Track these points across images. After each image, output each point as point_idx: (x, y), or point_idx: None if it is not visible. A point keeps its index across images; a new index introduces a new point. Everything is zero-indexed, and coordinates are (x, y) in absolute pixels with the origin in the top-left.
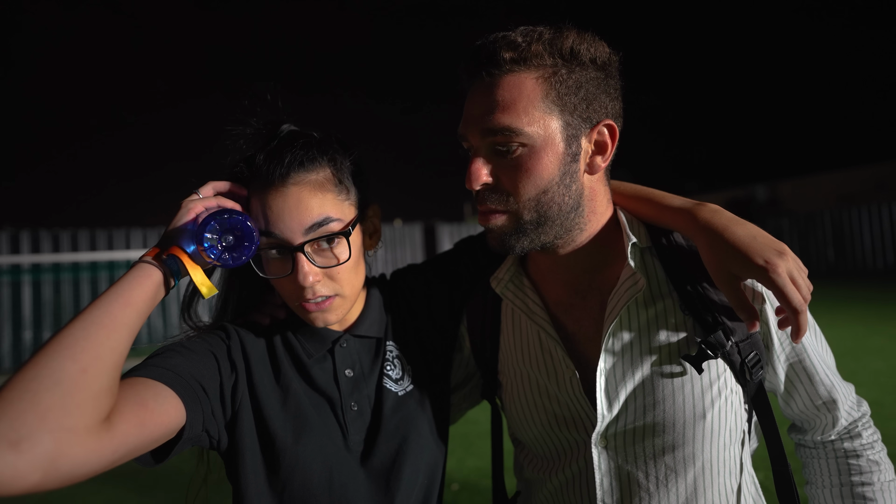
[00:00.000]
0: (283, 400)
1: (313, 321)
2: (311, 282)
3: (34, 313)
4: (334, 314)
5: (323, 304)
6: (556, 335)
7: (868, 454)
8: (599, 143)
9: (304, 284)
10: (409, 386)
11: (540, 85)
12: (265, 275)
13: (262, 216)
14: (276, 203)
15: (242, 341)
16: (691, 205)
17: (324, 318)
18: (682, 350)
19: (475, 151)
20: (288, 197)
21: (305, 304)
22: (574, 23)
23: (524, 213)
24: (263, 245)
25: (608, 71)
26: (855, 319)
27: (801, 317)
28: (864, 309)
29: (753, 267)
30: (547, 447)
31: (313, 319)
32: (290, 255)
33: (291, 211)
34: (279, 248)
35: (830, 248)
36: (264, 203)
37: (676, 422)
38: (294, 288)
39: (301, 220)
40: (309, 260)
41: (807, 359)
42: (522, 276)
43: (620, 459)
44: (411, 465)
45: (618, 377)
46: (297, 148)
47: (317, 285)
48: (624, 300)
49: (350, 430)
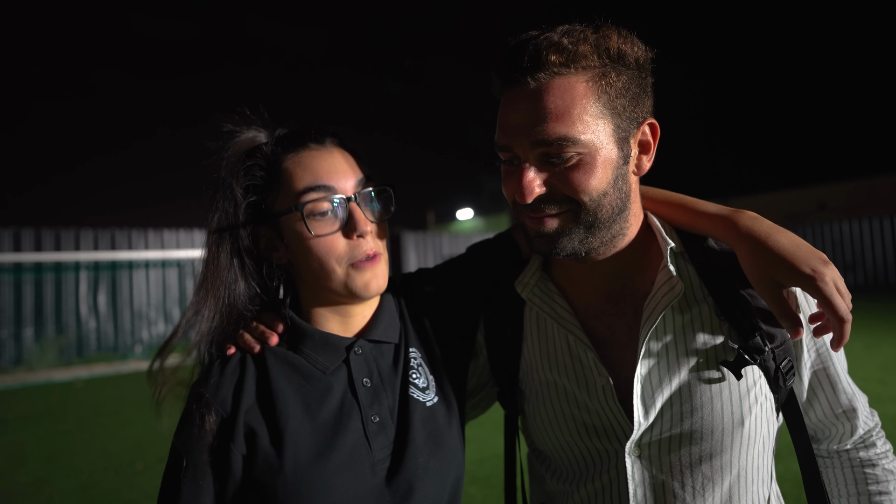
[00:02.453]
0: (290, 427)
1: (366, 285)
2: (369, 229)
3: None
4: (383, 277)
5: (376, 261)
6: (587, 341)
7: (884, 463)
8: (643, 143)
9: (363, 231)
10: (435, 396)
11: (591, 88)
12: (316, 233)
13: (308, 173)
14: (325, 160)
15: (224, 397)
16: (729, 211)
17: (377, 283)
18: (719, 356)
19: (522, 162)
20: (335, 154)
21: (360, 262)
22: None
23: (583, 214)
24: (314, 202)
25: (646, 69)
26: None
27: (846, 326)
28: None
29: (800, 275)
30: (574, 458)
31: (367, 282)
32: (340, 211)
33: (342, 164)
34: (329, 208)
35: None
36: (308, 161)
37: (715, 429)
38: (348, 245)
39: (353, 173)
40: (362, 210)
41: (831, 366)
42: (548, 281)
43: (655, 469)
44: (439, 482)
45: (654, 384)
46: (320, 127)
47: (370, 238)
48: (662, 305)
49: (374, 446)
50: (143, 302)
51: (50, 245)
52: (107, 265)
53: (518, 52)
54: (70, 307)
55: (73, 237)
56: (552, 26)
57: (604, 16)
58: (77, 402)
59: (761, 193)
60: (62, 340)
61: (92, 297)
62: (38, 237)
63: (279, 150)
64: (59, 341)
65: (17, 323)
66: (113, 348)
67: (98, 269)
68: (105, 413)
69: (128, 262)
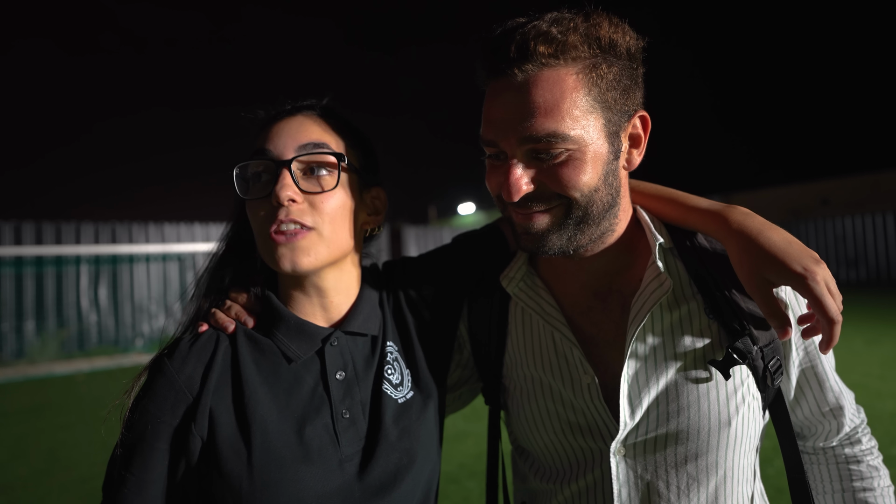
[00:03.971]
0: (258, 413)
1: (279, 260)
2: (288, 196)
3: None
4: (307, 255)
5: (296, 237)
6: (573, 338)
7: (868, 460)
8: (634, 137)
9: (280, 196)
10: (409, 392)
11: (581, 81)
12: (244, 195)
13: (259, 138)
14: (280, 126)
15: (190, 374)
16: (720, 207)
17: (292, 259)
18: (707, 355)
19: (509, 158)
20: (293, 121)
21: (275, 234)
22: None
23: (573, 210)
24: (247, 162)
25: (638, 59)
26: None
27: (836, 327)
28: None
29: (791, 274)
30: (559, 456)
31: (280, 257)
32: (272, 175)
33: (291, 130)
34: (260, 170)
35: None
36: (269, 129)
37: (701, 429)
38: (268, 212)
39: (297, 138)
40: (293, 178)
41: (819, 365)
42: (535, 276)
43: (640, 468)
44: (412, 481)
45: (641, 383)
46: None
47: (293, 207)
48: (650, 303)
49: (342, 442)
50: (144, 295)
51: (51, 238)
52: (107, 259)
53: (504, 42)
54: (71, 301)
55: (73, 231)
56: (540, 13)
57: (594, 2)
58: (78, 395)
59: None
60: (63, 334)
61: (93, 290)
62: (39, 231)
63: (263, 123)
64: (61, 335)
65: (18, 316)
66: (114, 342)
67: (99, 262)
68: (105, 406)
69: (128, 255)
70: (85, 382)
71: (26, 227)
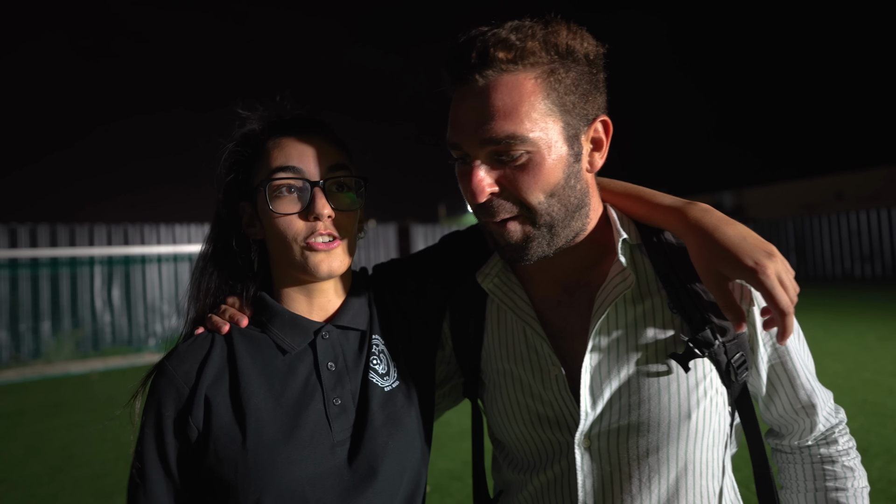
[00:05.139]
0: (253, 403)
1: (317, 265)
2: (328, 212)
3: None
4: (338, 261)
5: (332, 244)
6: (542, 332)
7: (843, 460)
8: (596, 140)
9: (320, 213)
10: (395, 382)
11: (539, 85)
12: (277, 211)
13: (282, 154)
14: (301, 143)
15: (187, 370)
16: (682, 203)
17: (329, 264)
18: (669, 349)
19: (473, 161)
20: (312, 139)
21: (315, 242)
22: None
23: (537, 218)
24: (280, 180)
25: (598, 65)
26: (815, 324)
27: (787, 319)
28: (824, 314)
29: (743, 268)
30: (529, 447)
31: (318, 263)
32: (306, 193)
33: (315, 150)
34: (295, 187)
35: (792, 255)
36: (286, 144)
37: (661, 421)
38: (305, 225)
39: (325, 158)
40: (326, 197)
41: (789, 361)
42: (510, 272)
43: (603, 460)
44: (398, 464)
45: (603, 375)
46: (311, 118)
47: (329, 221)
48: (612, 297)
49: (334, 427)
50: (156, 296)
51: (65, 240)
52: (120, 260)
53: (466, 49)
54: (85, 301)
55: (87, 233)
56: (502, 22)
57: (554, 10)
58: (92, 393)
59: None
60: (78, 334)
61: (106, 291)
62: (54, 232)
63: (266, 133)
64: (76, 335)
65: (35, 317)
66: (127, 341)
67: (112, 263)
68: (118, 405)
69: (140, 256)
70: (99, 381)
71: (41, 229)
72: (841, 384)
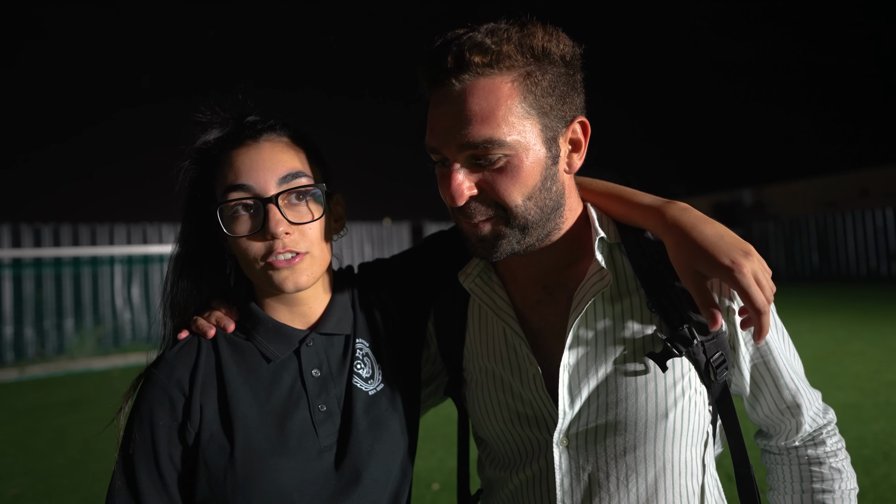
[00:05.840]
0: (240, 411)
1: (282, 283)
2: (283, 230)
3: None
4: (305, 275)
5: (293, 261)
6: (520, 331)
7: (831, 462)
8: (574, 141)
9: (275, 233)
10: (379, 385)
11: (516, 89)
12: (232, 234)
13: (231, 171)
14: (250, 156)
15: (179, 378)
16: (660, 203)
17: (294, 280)
18: (647, 348)
19: (451, 164)
20: (262, 150)
21: (275, 261)
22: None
23: (512, 219)
24: (232, 200)
25: (575, 66)
26: (837, 324)
27: (763, 317)
28: (846, 313)
29: (719, 266)
30: (509, 446)
31: (283, 280)
32: (259, 211)
33: (265, 162)
34: (248, 205)
35: (815, 253)
36: (235, 159)
37: (638, 420)
38: (263, 245)
39: (275, 170)
40: (280, 212)
41: (772, 360)
42: (491, 272)
43: (582, 459)
44: (383, 467)
45: (581, 373)
46: (266, 120)
47: (287, 238)
48: (590, 295)
49: (320, 433)
50: None
51: (86, 240)
52: (139, 259)
53: (442, 54)
54: (106, 299)
55: (107, 232)
56: (477, 25)
57: (529, 12)
58: (113, 389)
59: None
60: (99, 331)
61: (126, 289)
62: (76, 233)
63: (220, 146)
64: (97, 332)
65: (58, 314)
66: (147, 338)
67: (131, 262)
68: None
69: (159, 255)
70: (120, 377)
71: (64, 230)
72: (863, 386)
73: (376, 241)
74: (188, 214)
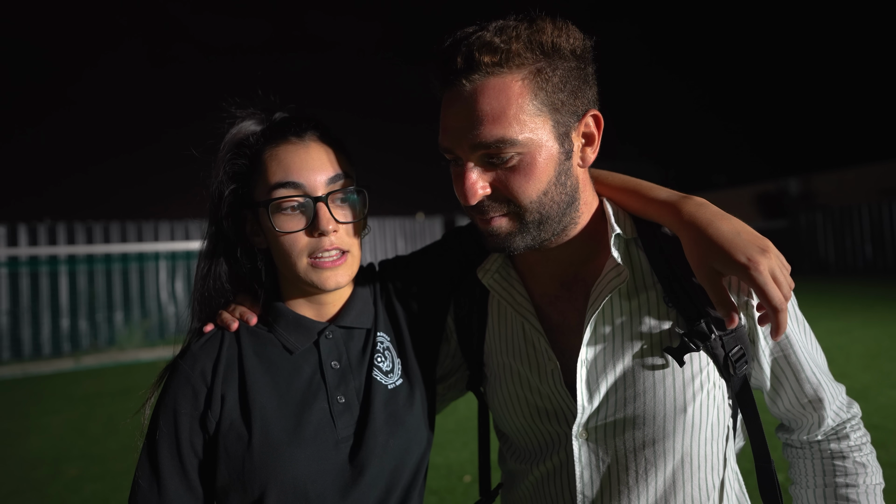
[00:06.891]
0: (259, 401)
1: (324, 281)
2: (332, 228)
3: (71, 302)
4: (345, 274)
5: (337, 261)
6: (539, 327)
7: (855, 456)
8: (587, 135)
9: (325, 230)
10: (399, 379)
11: (527, 86)
12: (281, 230)
13: (280, 168)
14: (299, 154)
15: (203, 368)
16: (677, 198)
17: (336, 279)
18: (664, 342)
19: (464, 164)
20: (311, 150)
21: (321, 261)
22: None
23: (526, 215)
24: (283, 198)
25: (586, 59)
26: (892, 319)
27: (780, 315)
28: None
29: (735, 264)
30: (529, 439)
31: (325, 279)
32: (308, 209)
33: (314, 161)
34: (296, 203)
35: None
36: (283, 156)
37: (657, 415)
38: (310, 242)
39: (325, 170)
40: (330, 211)
41: (792, 354)
42: (510, 268)
43: (601, 452)
44: (398, 459)
45: (599, 368)
46: (309, 119)
47: (334, 236)
48: (607, 291)
49: (338, 424)
50: None
51: (133, 237)
52: (182, 254)
53: (451, 54)
54: (152, 293)
55: (153, 229)
56: (486, 22)
57: (538, 7)
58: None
59: (850, 167)
60: (146, 324)
61: (170, 284)
62: (124, 230)
63: (262, 142)
64: (144, 324)
65: (108, 308)
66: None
67: (175, 258)
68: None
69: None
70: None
71: (113, 227)
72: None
73: (410, 235)
74: (229, 209)
